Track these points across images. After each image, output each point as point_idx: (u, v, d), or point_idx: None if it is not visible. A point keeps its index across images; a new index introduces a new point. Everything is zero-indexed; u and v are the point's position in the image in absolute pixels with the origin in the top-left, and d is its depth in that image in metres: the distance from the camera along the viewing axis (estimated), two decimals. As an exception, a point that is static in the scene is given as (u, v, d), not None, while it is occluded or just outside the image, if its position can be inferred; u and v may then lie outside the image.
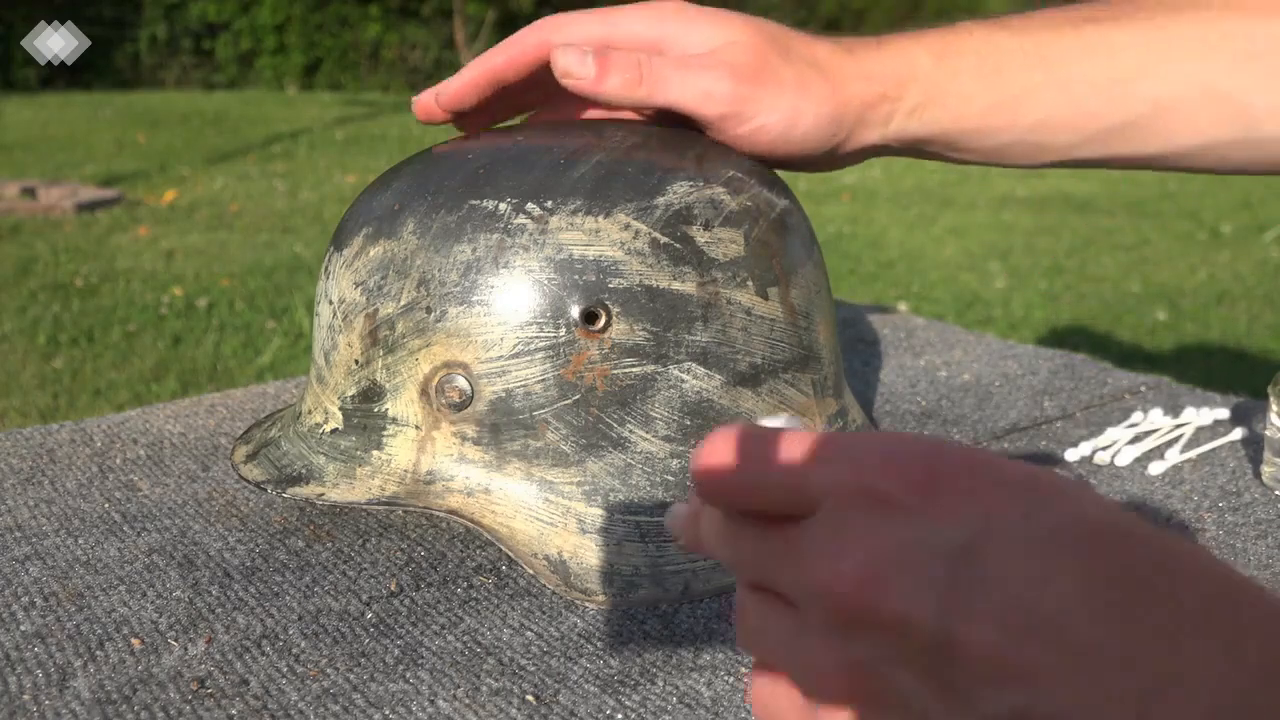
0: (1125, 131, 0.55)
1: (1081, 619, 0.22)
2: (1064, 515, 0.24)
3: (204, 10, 13.53)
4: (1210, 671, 0.22)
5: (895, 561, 0.24)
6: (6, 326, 3.09)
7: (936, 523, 0.24)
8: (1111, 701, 0.22)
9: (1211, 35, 0.53)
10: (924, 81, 0.53)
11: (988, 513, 0.24)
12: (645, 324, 0.46)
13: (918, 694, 0.24)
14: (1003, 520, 0.24)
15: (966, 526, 0.24)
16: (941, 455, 0.25)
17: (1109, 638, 0.22)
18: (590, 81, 0.50)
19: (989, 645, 0.23)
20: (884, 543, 0.24)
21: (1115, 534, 0.24)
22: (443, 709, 0.40)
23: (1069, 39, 0.54)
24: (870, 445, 0.26)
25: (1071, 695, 0.22)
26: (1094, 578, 0.23)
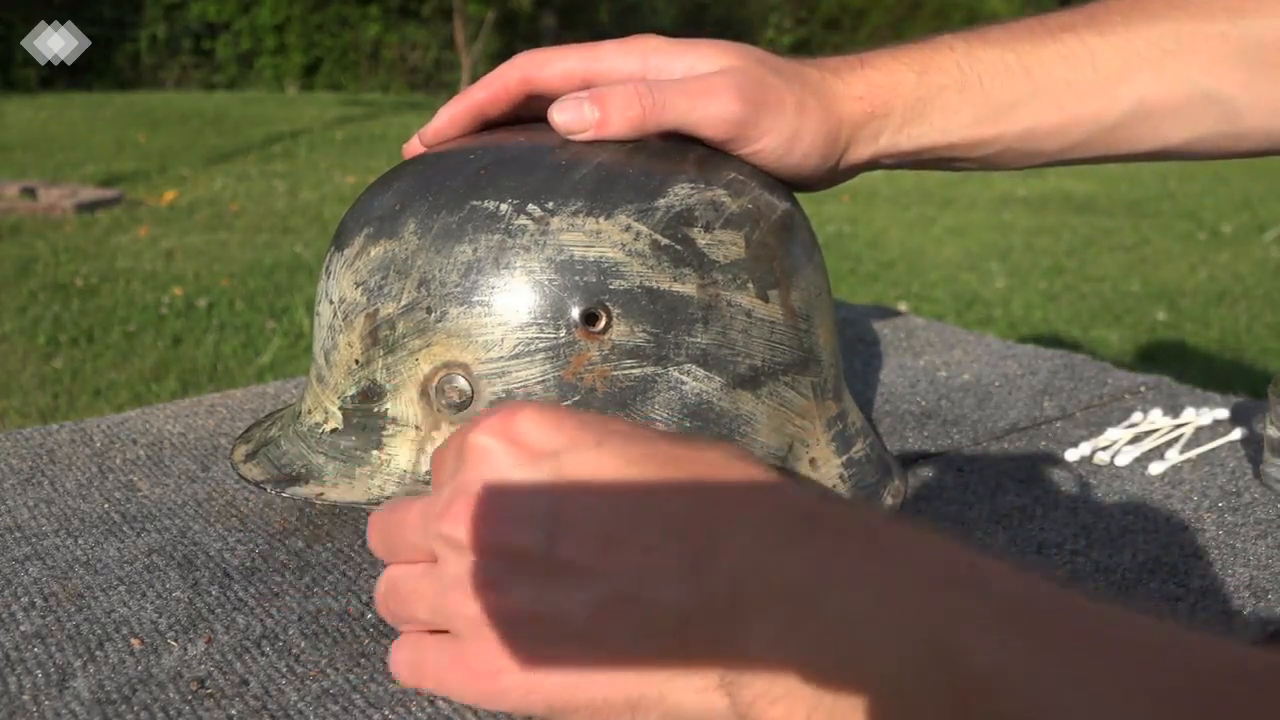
0: (1112, 133, 0.56)
1: (632, 525, 0.30)
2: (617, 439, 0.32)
3: (204, 10, 13.53)
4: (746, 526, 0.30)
5: (500, 501, 0.31)
6: (6, 326, 3.09)
7: (529, 459, 0.32)
8: (669, 569, 0.30)
9: (1189, 36, 0.55)
10: (909, 98, 0.54)
11: (564, 450, 0.32)
12: (646, 325, 0.46)
13: (540, 594, 0.31)
14: (578, 454, 0.31)
15: (548, 460, 0.31)
16: (518, 413, 0.33)
17: (658, 530, 0.30)
18: (595, 128, 0.49)
19: (578, 556, 0.30)
20: (490, 487, 0.32)
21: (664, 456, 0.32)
22: (442, 709, 0.40)
23: (1049, 48, 0.55)
24: (479, 417, 0.34)
25: (636, 576, 0.30)
26: (651, 494, 0.31)
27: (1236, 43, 0.54)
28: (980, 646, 0.26)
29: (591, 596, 0.30)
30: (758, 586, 0.29)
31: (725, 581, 0.29)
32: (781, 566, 0.29)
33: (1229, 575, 0.51)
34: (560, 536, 0.30)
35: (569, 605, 0.30)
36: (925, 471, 0.61)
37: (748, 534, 0.30)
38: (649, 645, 0.30)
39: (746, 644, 0.29)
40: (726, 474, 0.32)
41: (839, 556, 0.29)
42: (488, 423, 0.33)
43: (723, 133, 0.50)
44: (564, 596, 0.30)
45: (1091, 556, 0.52)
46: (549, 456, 0.32)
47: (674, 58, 0.52)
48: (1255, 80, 0.55)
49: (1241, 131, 0.56)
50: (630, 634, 0.30)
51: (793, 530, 0.30)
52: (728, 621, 0.29)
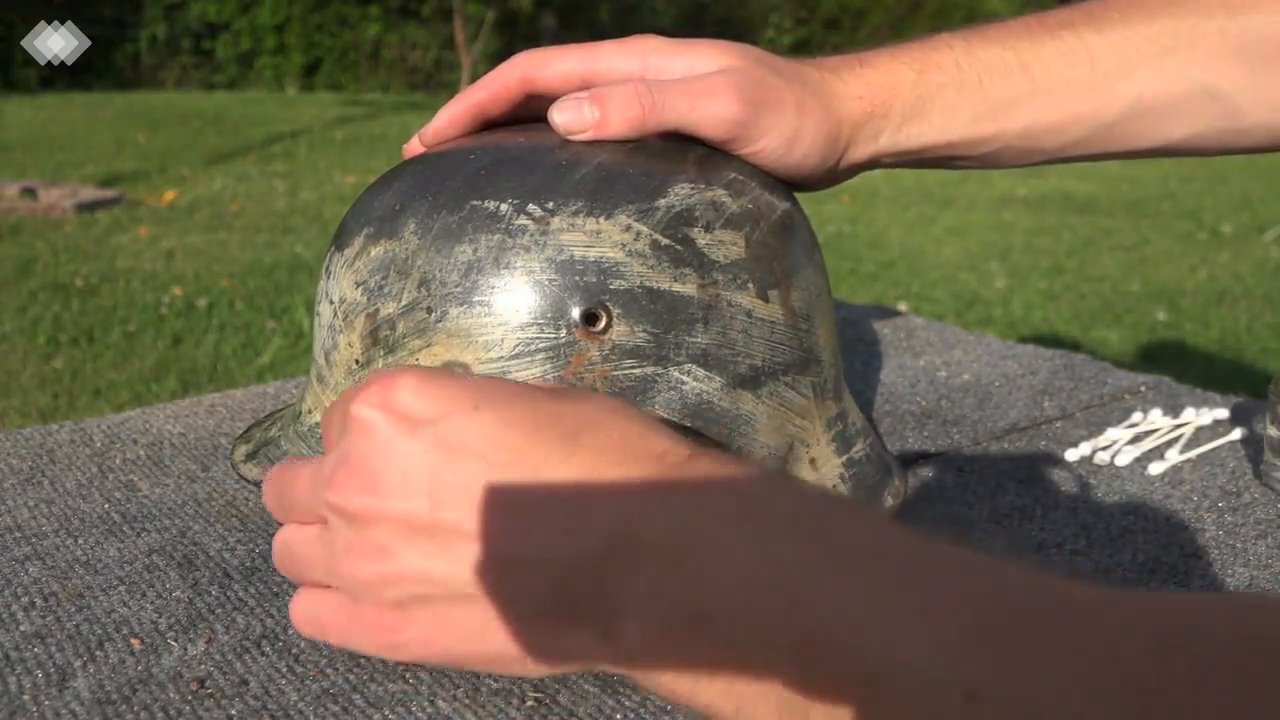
0: (1111, 130, 0.56)
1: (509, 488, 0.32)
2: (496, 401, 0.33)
3: (204, 10, 13.53)
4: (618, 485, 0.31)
5: (384, 470, 0.32)
6: (6, 326, 3.09)
7: (409, 428, 0.33)
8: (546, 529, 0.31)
9: (1187, 32, 0.55)
10: (908, 97, 0.54)
11: (443, 417, 0.32)
12: (646, 325, 0.46)
13: (425, 558, 0.32)
14: (457, 421, 0.32)
15: (427, 428, 0.32)
16: (397, 381, 0.33)
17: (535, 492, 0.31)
18: (595, 128, 0.49)
19: (461, 520, 0.32)
20: (372, 457, 0.33)
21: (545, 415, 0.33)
22: (442, 709, 0.40)
23: (1047, 46, 0.55)
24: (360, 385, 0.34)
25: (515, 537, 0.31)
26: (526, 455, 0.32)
27: (1235, 39, 0.54)
28: (821, 592, 0.28)
29: (476, 558, 0.32)
30: (628, 544, 0.31)
31: (596, 541, 0.31)
32: (647, 526, 0.31)
33: (1229, 575, 0.51)
34: (441, 503, 0.32)
35: (454, 567, 0.32)
36: (925, 471, 0.61)
37: (617, 493, 0.31)
38: (534, 602, 0.32)
39: (622, 599, 0.31)
40: (604, 430, 0.33)
41: (700, 512, 0.31)
42: (367, 392, 0.34)
43: (723, 133, 0.50)
44: (449, 559, 0.32)
45: (1091, 556, 0.52)
46: (427, 424, 0.33)
47: (674, 58, 0.52)
48: (1255, 76, 0.55)
49: (1242, 128, 0.56)
50: (514, 592, 0.32)
51: (660, 487, 0.31)
52: (602, 575, 0.31)
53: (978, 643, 0.26)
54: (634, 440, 0.33)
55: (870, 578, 0.28)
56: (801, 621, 0.28)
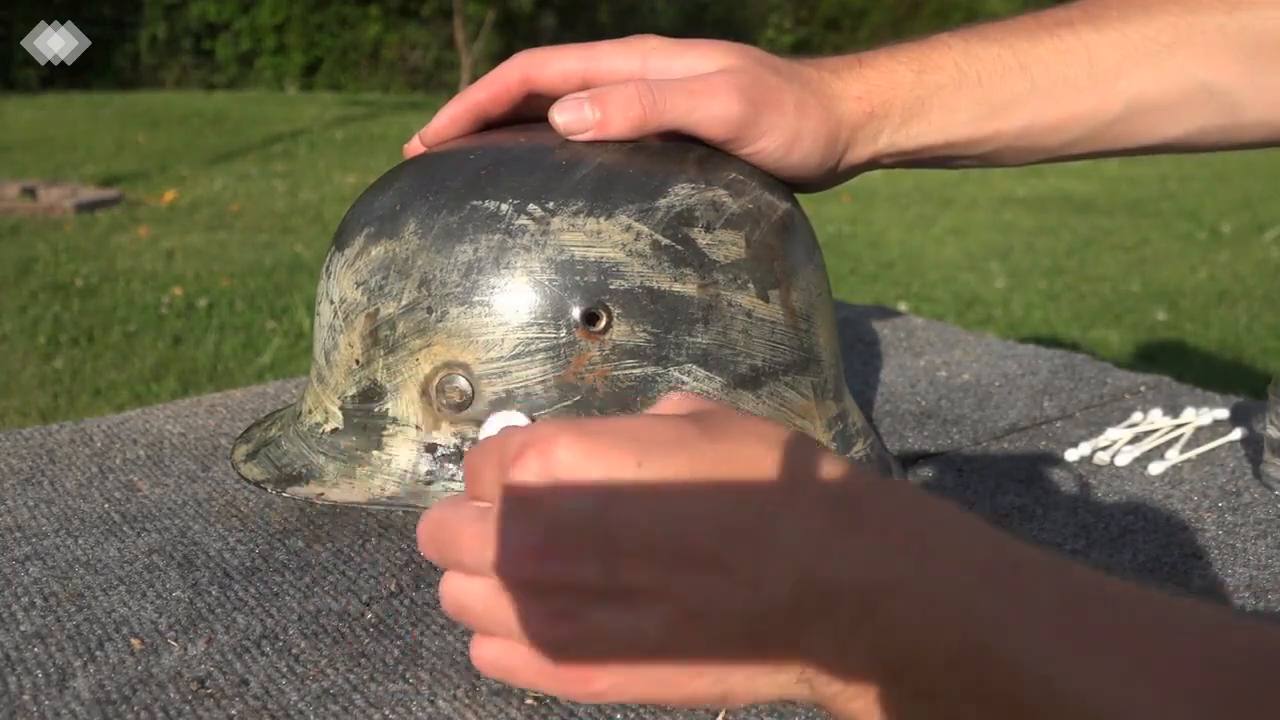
0: (1111, 129, 0.56)
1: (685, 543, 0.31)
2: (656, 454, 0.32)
3: (204, 10, 13.53)
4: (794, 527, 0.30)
5: (555, 537, 0.31)
6: (6, 326, 3.09)
7: (574, 493, 0.32)
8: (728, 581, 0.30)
9: (1185, 29, 0.55)
10: (907, 97, 0.54)
11: (603, 478, 0.31)
12: (646, 325, 0.46)
13: (612, 618, 0.31)
14: (621, 479, 0.31)
15: (593, 491, 0.31)
16: (554, 442, 0.32)
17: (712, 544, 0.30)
18: (595, 128, 0.49)
19: (642, 579, 0.31)
20: (540, 523, 0.32)
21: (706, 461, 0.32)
22: (442, 709, 0.40)
23: (1046, 45, 0.55)
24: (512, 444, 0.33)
25: (699, 591, 0.31)
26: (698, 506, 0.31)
27: (1234, 35, 0.54)
28: (1028, 650, 0.27)
29: (662, 615, 0.31)
30: (813, 591, 0.30)
31: (784, 587, 0.30)
32: (829, 575, 0.30)
33: (1229, 575, 0.51)
34: (619, 565, 0.31)
35: (642, 625, 0.31)
36: (925, 471, 0.61)
37: (795, 539, 0.30)
38: (724, 651, 0.31)
39: (812, 645, 0.30)
40: (768, 469, 0.32)
41: (885, 555, 0.30)
42: (526, 459, 0.32)
43: (723, 133, 0.50)
44: (635, 618, 0.31)
45: (1091, 556, 0.52)
46: (594, 486, 0.32)
47: (674, 58, 0.52)
48: (1254, 72, 0.55)
49: (1241, 124, 0.56)
50: (705, 643, 0.31)
51: (839, 525, 0.30)
52: (793, 625, 0.30)
53: (1205, 709, 0.25)
54: (802, 479, 0.32)
55: (1078, 629, 0.27)
56: (1004, 678, 0.27)
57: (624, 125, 0.49)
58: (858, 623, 0.29)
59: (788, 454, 0.32)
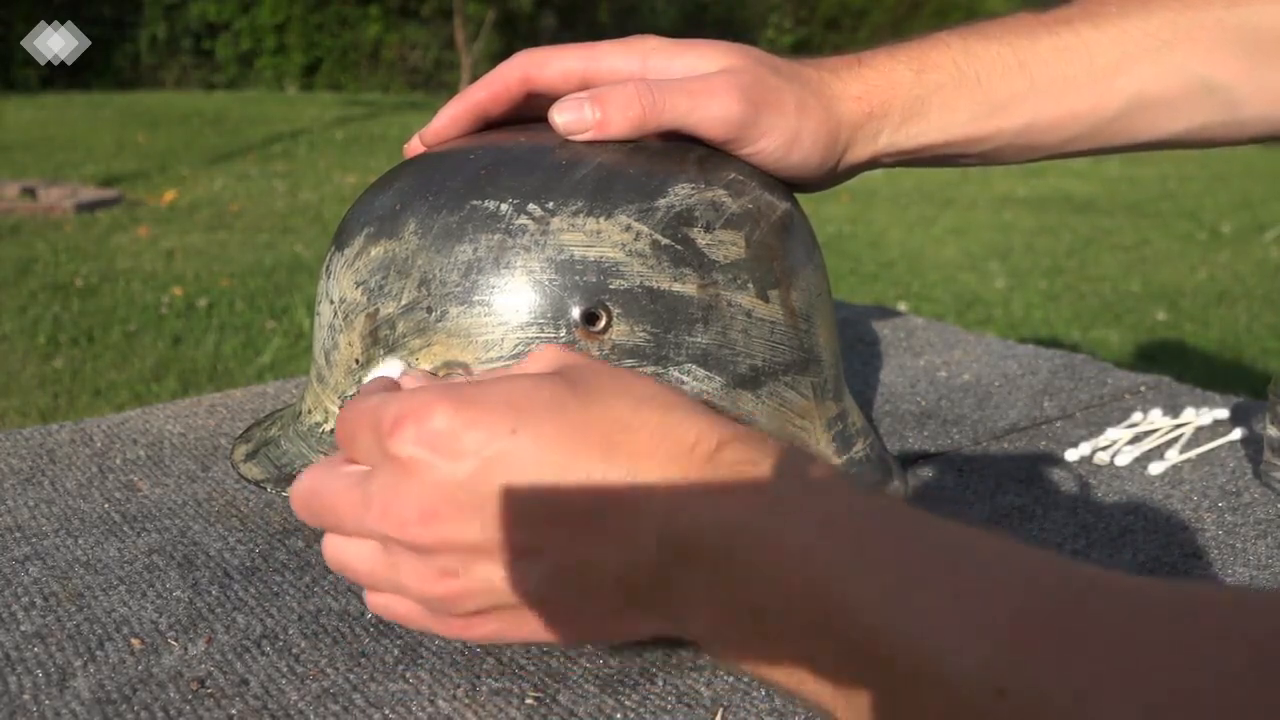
0: (1111, 125, 0.56)
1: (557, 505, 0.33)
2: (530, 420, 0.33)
3: (204, 10, 13.52)
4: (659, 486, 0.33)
5: (439, 504, 0.33)
6: (6, 326, 3.09)
7: (452, 461, 0.33)
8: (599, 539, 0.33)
9: (1185, 25, 0.55)
10: (907, 97, 0.54)
11: (484, 445, 0.33)
12: (646, 325, 0.46)
13: (491, 574, 0.34)
14: (497, 446, 0.33)
15: (471, 458, 0.33)
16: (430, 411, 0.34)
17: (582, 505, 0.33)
18: (595, 128, 0.49)
19: (519, 539, 0.33)
20: (425, 493, 0.33)
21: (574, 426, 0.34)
22: (442, 709, 0.40)
23: (1045, 42, 0.55)
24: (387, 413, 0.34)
25: (572, 548, 0.33)
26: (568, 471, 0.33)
27: (1234, 31, 0.54)
28: (856, 591, 0.29)
29: (540, 571, 0.34)
30: (675, 542, 0.32)
31: (650, 539, 0.32)
32: (690, 529, 0.32)
33: (1229, 575, 0.51)
34: (497, 525, 0.33)
35: (521, 580, 0.34)
36: (925, 471, 0.62)
37: (658, 498, 0.33)
38: (600, 600, 0.34)
39: (681, 592, 0.32)
40: (635, 430, 0.34)
41: (739, 507, 0.32)
42: (403, 430, 0.34)
43: (723, 133, 0.50)
44: (514, 573, 0.34)
45: (1091, 556, 0.52)
46: (471, 453, 0.33)
47: (674, 57, 0.52)
48: (1254, 68, 0.55)
49: (1241, 119, 0.56)
50: (581, 594, 0.34)
51: (696, 486, 0.33)
52: (661, 574, 0.33)
53: (1009, 637, 0.27)
54: (666, 435, 0.34)
55: (901, 570, 0.29)
56: (840, 618, 0.29)
57: (624, 125, 0.49)
58: (716, 569, 0.31)
59: (651, 412, 0.34)
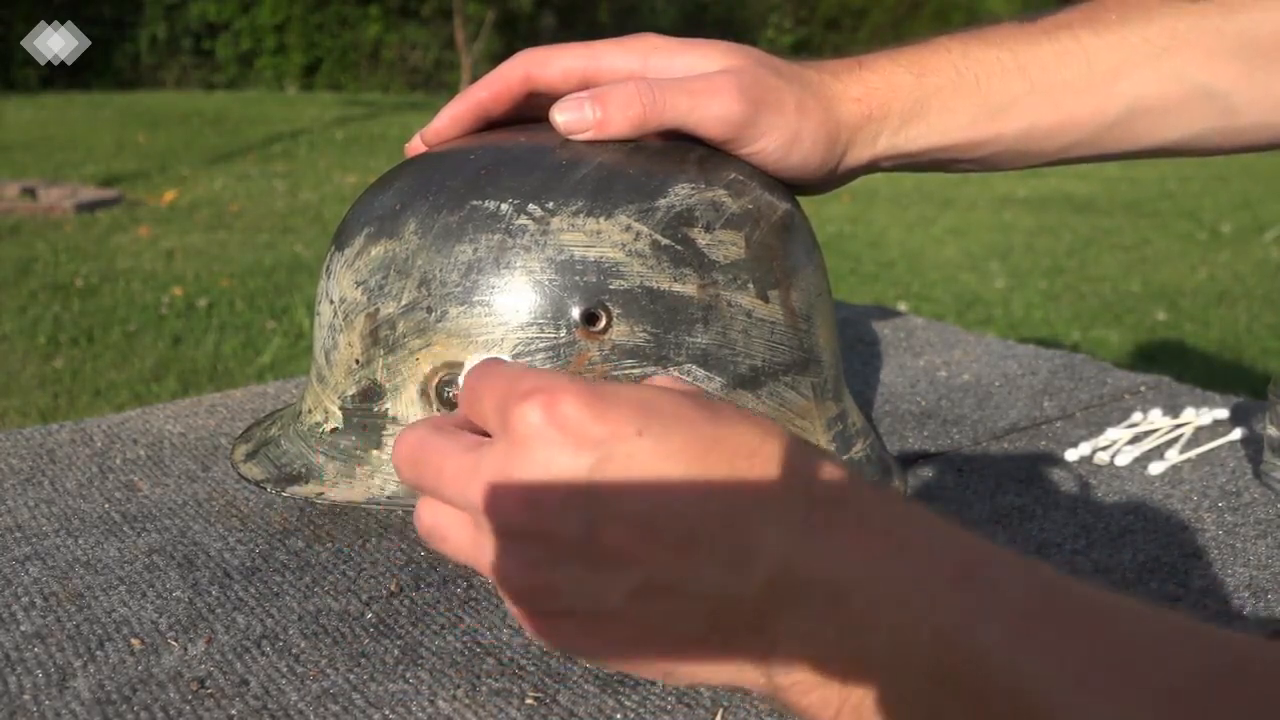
0: (1110, 131, 0.56)
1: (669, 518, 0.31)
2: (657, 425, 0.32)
3: (204, 10, 13.52)
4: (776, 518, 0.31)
5: (546, 490, 0.32)
6: (6, 326, 3.09)
7: (570, 449, 0.32)
8: (705, 562, 0.31)
9: (1184, 32, 0.55)
10: (906, 100, 0.54)
11: (606, 440, 0.32)
12: (646, 325, 0.46)
13: (578, 577, 0.32)
14: (619, 444, 0.31)
15: (590, 450, 0.31)
16: (563, 394, 0.32)
17: (694, 523, 0.31)
18: (596, 128, 0.49)
19: (620, 542, 0.31)
20: (536, 473, 0.32)
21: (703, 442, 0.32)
22: (442, 709, 0.40)
23: (1045, 47, 0.55)
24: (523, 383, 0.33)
25: (673, 567, 0.31)
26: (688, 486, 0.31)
27: (1233, 38, 0.54)
28: (996, 647, 0.27)
29: (629, 583, 0.31)
30: (787, 582, 0.30)
31: (756, 578, 0.30)
32: (806, 566, 0.30)
33: (1229, 575, 0.51)
34: (601, 525, 0.31)
35: (607, 590, 0.32)
36: (925, 471, 0.62)
37: (778, 526, 0.31)
38: (684, 630, 0.32)
39: (777, 637, 0.31)
40: (760, 460, 0.32)
41: (860, 552, 0.30)
42: (535, 401, 0.32)
43: (723, 132, 0.50)
44: (603, 581, 0.32)
45: (1091, 556, 0.52)
46: (593, 445, 0.32)
47: (674, 56, 0.52)
48: (1252, 75, 0.55)
49: (1240, 126, 0.56)
50: (665, 619, 0.32)
51: (818, 522, 0.31)
52: (759, 615, 0.31)
53: (1158, 704, 0.26)
54: (791, 471, 0.32)
55: (1048, 637, 0.28)
56: (972, 679, 0.27)
57: (624, 124, 0.49)
58: (827, 616, 0.30)
59: (781, 447, 0.33)
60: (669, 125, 0.50)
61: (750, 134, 0.51)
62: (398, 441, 0.36)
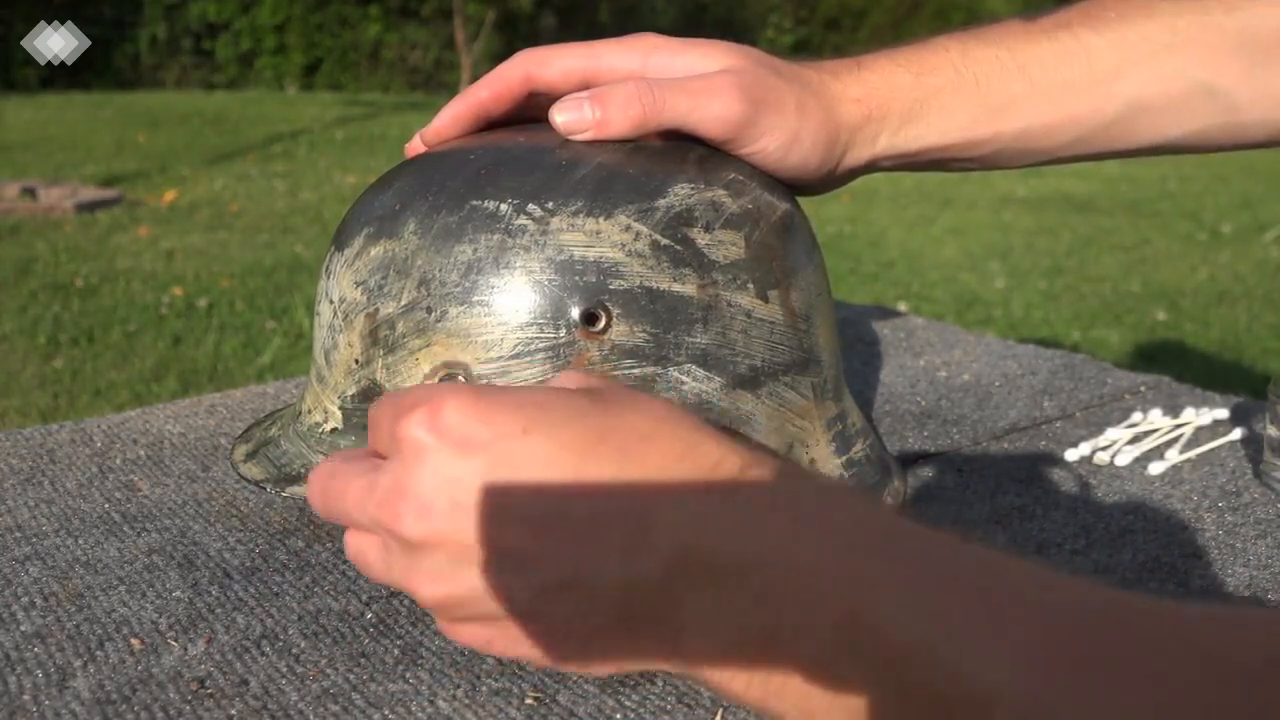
0: (1110, 130, 0.56)
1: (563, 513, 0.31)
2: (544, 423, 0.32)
3: (204, 10, 13.52)
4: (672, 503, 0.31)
5: (436, 498, 0.32)
6: (6, 326, 3.09)
7: (457, 453, 0.32)
8: (602, 553, 0.31)
9: (1185, 29, 0.55)
10: (906, 100, 0.54)
11: (492, 441, 0.32)
12: (645, 326, 0.46)
13: (482, 583, 0.32)
14: (506, 444, 0.32)
15: (477, 453, 0.32)
16: (445, 403, 0.33)
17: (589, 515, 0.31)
18: (595, 128, 0.49)
19: (516, 543, 0.31)
20: (424, 483, 0.32)
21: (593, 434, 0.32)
22: (442, 709, 0.40)
23: (1045, 46, 0.55)
24: (406, 400, 0.34)
25: (572, 561, 0.31)
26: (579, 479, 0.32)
27: (1234, 35, 0.54)
28: (895, 616, 0.28)
29: (532, 583, 0.32)
30: (687, 566, 0.31)
31: (658, 562, 0.31)
32: (708, 546, 0.30)
33: (1229, 575, 0.51)
34: (496, 529, 0.32)
35: (511, 592, 0.32)
36: (925, 471, 0.62)
37: (674, 511, 0.31)
38: (592, 621, 0.32)
39: (681, 620, 0.31)
40: (654, 446, 0.32)
41: (759, 531, 0.30)
42: (416, 413, 0.33)
43: (723, 132, 0.50)
44: (506, 584, 0.32)
45: (1091, 556, 0.52)
46: (479, 448, 0.32)
47: (675, 56, 0.52)
48: (1254, 72, 0.55)
49: (1241, 123, 0.56)
50: (572, 612, 0.32)
51: (717, 504, 0.31)
52: (663, 600, 0.31)
53: (1047, 666, 0.26)
54: (686, 453, 0.32)
55: (941, 598, 0.28)
56: (874, 647, 0.28)
57: (624, 124, 0.49)
58: (732, 594, 0.30)
59: (672, 428, 0.33)
60: (669, 125, 0.50)
61: (750, 134, 0.51)
62: (310, 477, 0.37)
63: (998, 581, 0.29)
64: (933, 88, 0.54)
